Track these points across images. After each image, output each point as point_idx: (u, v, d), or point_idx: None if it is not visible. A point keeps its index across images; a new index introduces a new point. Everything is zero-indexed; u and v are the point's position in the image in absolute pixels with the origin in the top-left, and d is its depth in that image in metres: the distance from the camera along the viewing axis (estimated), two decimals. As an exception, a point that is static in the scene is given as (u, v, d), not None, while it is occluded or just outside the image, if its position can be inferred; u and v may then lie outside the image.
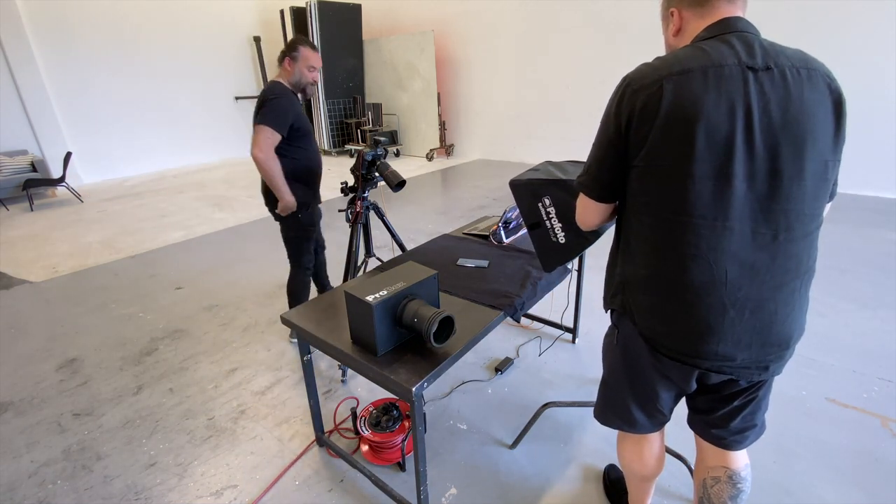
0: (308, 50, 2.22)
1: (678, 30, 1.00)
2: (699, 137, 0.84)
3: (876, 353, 2.31)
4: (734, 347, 0.93)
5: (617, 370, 1.15)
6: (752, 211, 0.87)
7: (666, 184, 0.89)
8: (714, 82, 0.84)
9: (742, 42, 0.88)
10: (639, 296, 1.00)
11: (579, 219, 1.12)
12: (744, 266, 0.89)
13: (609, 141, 0.95)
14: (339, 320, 1.53)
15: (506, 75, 7.67)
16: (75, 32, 7.22)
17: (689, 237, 0.89)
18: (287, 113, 2.19)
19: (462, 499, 1.63)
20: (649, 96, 0.86)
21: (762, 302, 0.91)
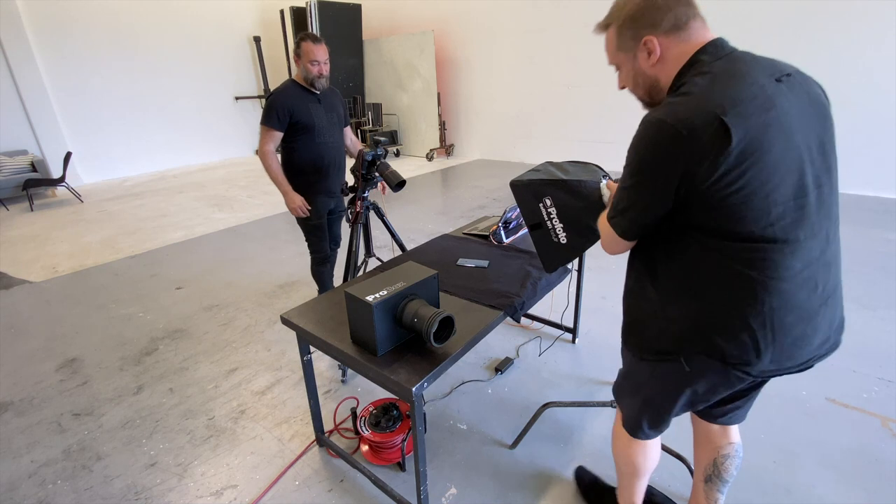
0: (309, 44, 2.26)
1: (659, 58, 0.94)
2: (777, 163, 0.82)
3: (876, 353, 2.31)
4: (819, 344, 0.96)
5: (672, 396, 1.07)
6: (820, 213, 0.89)
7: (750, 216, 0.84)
8: (768, 103, 0.82)
9: (751, 60, 0.88)
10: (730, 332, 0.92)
11: (606, 249, 1.07)
12: (823, 265, 0.91)
13: (656, 190, 0.88)
14: (339, 320, 1.53)
15: (506, 75, 7.67)
16: (75, 32, 7.23)
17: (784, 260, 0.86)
18: (276, 109, 2.31)
19: (462, 499, 1.63)
20: (712, 137, 0.80)
21: (833, 293, 0.95)
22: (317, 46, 2.27)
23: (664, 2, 0.92)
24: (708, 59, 0.89)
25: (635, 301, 1.08)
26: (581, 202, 1.26)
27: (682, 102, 0.84)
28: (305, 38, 2.28)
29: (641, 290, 1.05)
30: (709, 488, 1.32)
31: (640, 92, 1.03)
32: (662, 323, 1.00)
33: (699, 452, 1.33)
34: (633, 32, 0.96)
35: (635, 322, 1.08)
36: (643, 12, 0.93)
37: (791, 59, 0.96)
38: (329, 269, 2.67)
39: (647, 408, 1.15)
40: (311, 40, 2.28)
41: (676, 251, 0.95)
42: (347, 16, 8.23)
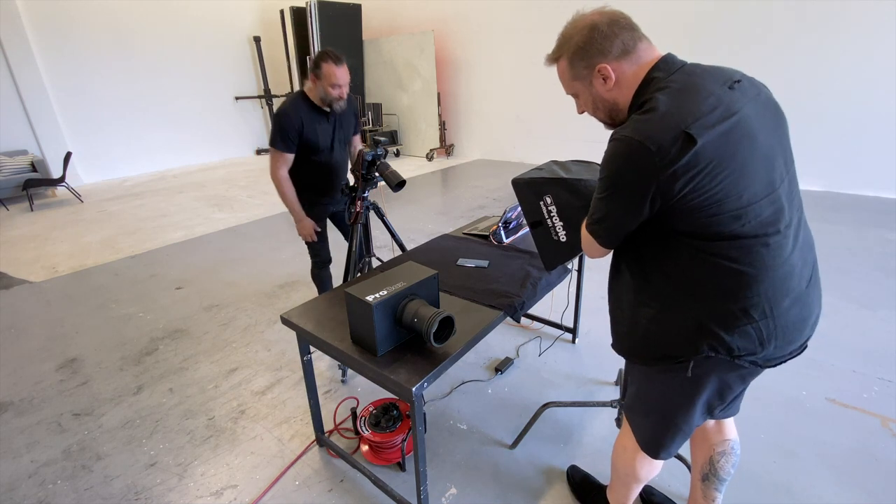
0: (331, 66, 2.09)
1: (616, 81, 0.98)
2: (746, 163, 0.86)
3: (876, 353, 2.31)
4: (811, 326, 1.01)
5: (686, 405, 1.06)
6: (788, 202, 0.93)
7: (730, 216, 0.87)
8: (724, 111, 0.85)
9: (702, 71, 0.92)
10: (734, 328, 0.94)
11: (586, 253, 1.11)
12: (802, 247, 0.97)
13: (629, 204, 0.90)
14: (339, 320, 1.53)
15: (506, 75, 7.67)
16: (75, 32, 7.23)
17: (769, 251, 0.90)
18: (287, 131, 2.17)
19: (462, 499, 1.63)
20: (680, 150, 0.82)
21: (814, 268, 1.01)
22: (339, 69, 2.11)
23: (609, 30, 0.95)
24: (662, 75, 0.93)
25: (632, 311, 1.06)
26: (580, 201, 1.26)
27: (648, 119, 0.86)
28: (327, 59, 2.09)
29: (636, 298, 1.04)
30: (706, 487, 1.33)
31: (601, 115, 1.06)
32: (665, 327, 1.00)
33: (695, 451, 1.34)
34: (585, 62, 0.99)
35: (636, 332, 1.06)
36: (590, 43, 0.97)
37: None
38: (328, 273, 2.65)
39: (667, 425, 1.12)
40: (334, 61, 2.10)
41: (667, 257, 0.97)
42: (347, 16, 8.23)
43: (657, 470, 1.26)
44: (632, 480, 1.30)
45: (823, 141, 5.10)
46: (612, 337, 1.16)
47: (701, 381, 1.02)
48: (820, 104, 5.03)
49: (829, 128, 5.01)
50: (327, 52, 2.12)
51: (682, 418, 1.09)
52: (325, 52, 2.12)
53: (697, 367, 0.99)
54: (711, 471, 1.30)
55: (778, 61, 5.16)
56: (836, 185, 5.18)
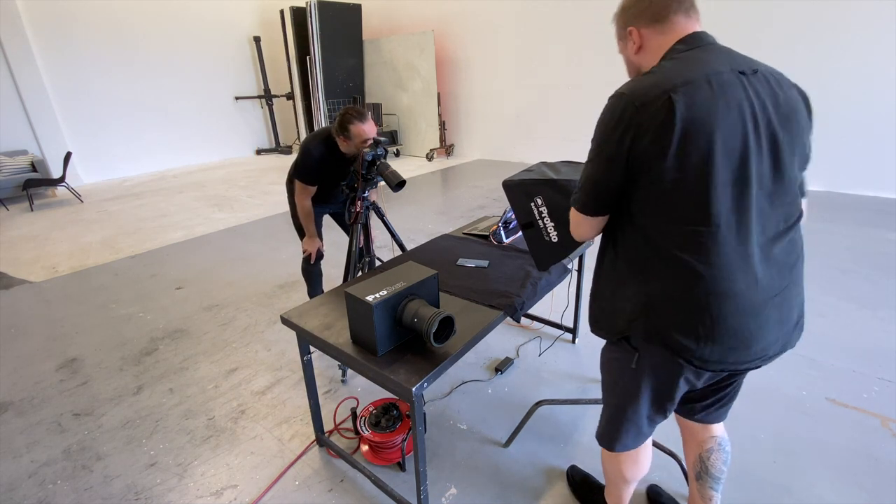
0: (359, 126, 2.13)
1: (639, 47, 1.01)
2: (717, 146, 0.84)
3: (876, 353, 2.31)
4: (768, 342, 0.95)
5: (635, 394, 1.09)
6: (762, 209, 0.90)
7: (688, 198, 0.87)
8: (719, 89, 0.85)
9: (721, 52, 0.92)
10: (671, 317, 0.95)
11: (574, 232, 1.10)
12: (765, 263, 0.92)
13: (608, 160, 0.92)
14: (339, 320, 1.53)
15: (506, 75, 7.67)
16: (75, 32, 7.23)
17: (719, 247, 0.88)
18: (314, 171, 2.33)
19: (462, 499, 1.63)
20: (657, 111, 0.84)
21: (783, 292, 0.95)
22: (367, 125, 2.14)
23: None
24: (682, 48, 0.94)
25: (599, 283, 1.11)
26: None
27: (643, 79, 0.90)
28: (353, 121, 2.12)
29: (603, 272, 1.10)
30: (701, 486, 1.33)
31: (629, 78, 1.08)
32: (619, 303, 1.04)
33: (686, 451, 1.36)
34: (623, 23, 1.04)
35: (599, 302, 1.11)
36: (630, 5, 1.02)
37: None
38: (319, 269, 2.66)
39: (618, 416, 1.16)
40: (359, 120, 2.12)
41: (627, 236, 1.00)
42: (347, 16, 8.23)
43: (642, 469, 1.26)
44: (619, 480, 1.30)
45: (824, 141, 5.09)
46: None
47: (644, 372, 1.05)
48: (820, 104, 4.98)
49: (830, 128, 5.01)
50: (351, 114, 2.14)
51: (631, 410, 1.12)
52: (349, 114, 2.14)
53: (641, 359, 1.04)
54: (703, 469, 1.31)
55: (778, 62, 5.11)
56: (836, 185, 5.18)
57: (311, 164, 2.30)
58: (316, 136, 2.31)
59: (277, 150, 10.03)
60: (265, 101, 9.84)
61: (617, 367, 1.12)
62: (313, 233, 2.52)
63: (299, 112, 9.11)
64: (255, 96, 9.81)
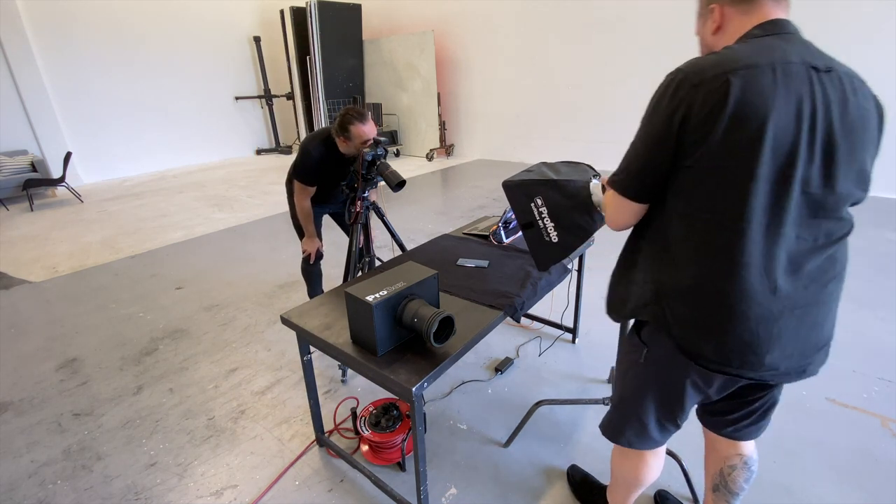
0: (359, 127, 2.13)
1: (718, 27, 0.95)
2: (767, 138, 0.79)
3: (876, 353, 2.31)
4: (780, 356, 0.90)
5: (641, 389, 1.08)
6: (801, 216, 0.85)
7: (724, 187, 0.83)
8: (783, 79, 0.80)
9: (800, 43, 0.85)
10: (680, 307, 0.93)
11: (610, 219, 1.04)
12: (791, 273, 0.87)
13: (656, 139, 0.88)
14: (339, 320, 1.53)
15: (506, 75, 7.67)
16: (76, 32, 7.23)
17: (745, 244, 0.84)
18: (310, 170, 2.33)
19: (462, 499, 1.63)
20: (712, 92, 0.80)
21: (808, 308, 0.89)
22: (366, 125, 2.14)
23: None
24: (758, 32, 0.88)
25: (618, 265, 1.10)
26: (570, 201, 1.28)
27: (705, 58, 0.85)
28: (353, 121, 2.12)
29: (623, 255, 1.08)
30: (717, 498, 1.30)
31: None
32: (633, 286, 1.03)
33: (707, 460, 1.31)
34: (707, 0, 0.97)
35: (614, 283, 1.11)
36: None
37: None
38: (319, 269, 2.66)
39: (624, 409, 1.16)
40: (360, 120, 2.12)
41: (652, 219, 0.97)
42: (347, 16, 8.23)
43: (650, 474, 1.24)
44: (625, 481, 1.28)
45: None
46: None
47: (651, 368, 1.04)
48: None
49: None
50: (351, 114, 2.14)
51: (636, 404, 1.11)
52: (349, 114, 2.14)
53: (649, 353, 1.03)
54: (722, 483, 1.26)
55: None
56: (836, 185, 5.18)
57: (310, 165, 2.30)
58: (315, 136, 2.31)
59: (277, 150, 10.03)
60: (265, 101, 9.84)
61: (627, 360, 1.12)
62: (313, 233, 2.52)
63: (299, 112, 9.11)
64: (255, 96, 9.81)
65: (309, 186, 2.37)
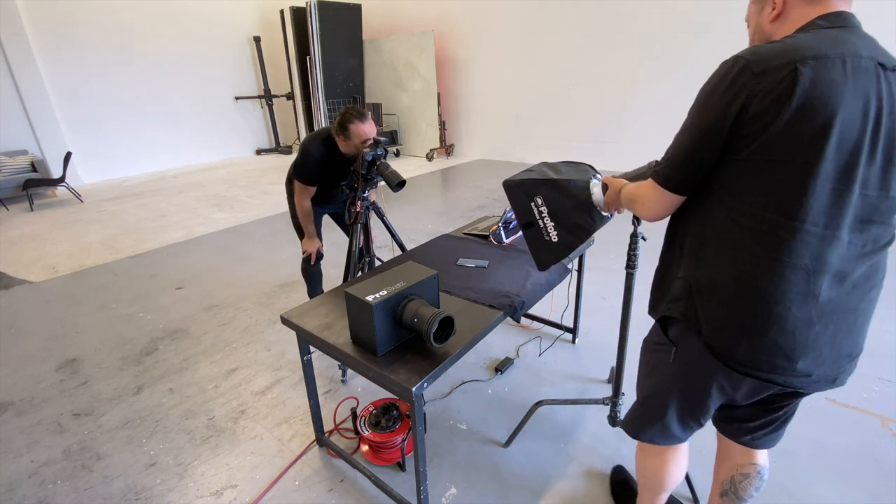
0: (358, 126, 2.13)
1: (778, 15, 0.89)
2: (834, 133, 0.75)
3: (876, 353, 2.31)
4: (812, 363, 0.87)
5: (667, 387, 1.06)
6: (857, 218, 0.82)
7: (782, 183, 0.79)
8: (853, 74, 0.76)
9: (866, 38, 0.82)
10: (713, 304, 0.90)
11: (644, 209, 1.00)
12: (836, 278, 0.84)
13: (710, 129, 0.83)
14: (339, 320, 1.53)
15: (506, 75, 7.67)
16: (75, 32, 7.23)
17: (794, 245, 0.80)
18: (311, 170, 2.33)
19: (462, 499, 1.63)
20: (778, 80, 0.75)
21: (845, 314, 0.87)
22: (366, 125, 2.14)
23: None
24: (824, 23, 0.83)
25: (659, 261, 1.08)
26: (571, 201, 1.29)
27: (769, 46, 0.80)
28: (352, 120, 2.12)
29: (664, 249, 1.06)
30: (724, 503, 1.28)
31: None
32: (668, 282, 1.01)
33: (718, 464, 1.29)
34: None
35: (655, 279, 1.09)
36: None
37: None
38: (319, 269, 2.66)
39: (646, 406, 1.15)
40: (360, 120, 2.12)
41: (695, 213, 0.94)
42: (347, 16, 8.23)
43: (672, 475, 1.23)
44: (650, 483, 1.27)
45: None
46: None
47: (679, 369, 1.02)
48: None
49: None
50: (351, 114, 2.14)
51: (660, 403, 1.10)
52: (349, 114, 2.14)
53: (678, 353, 1.01)
54: (731, 489, 1.24)
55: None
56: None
57: (310, 165, 2.30)
58: (316, 136, 2.31)
59: (277, 150, 10.03)
60: (265, 101, 9.84)
61: (655, 357, 1.09)
62: (313, 233, 2.52)
63: (299, 112, 9.11)
64: (255, 96, 9.81)
65: (309, 186, 2.37)
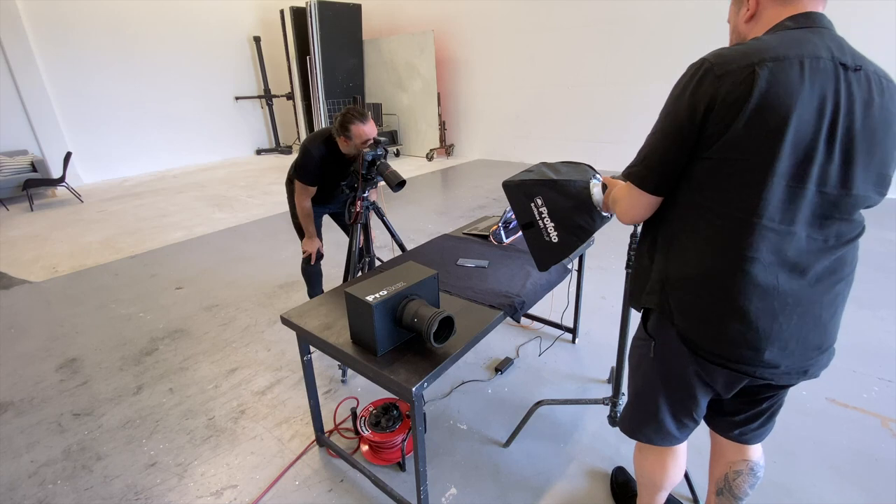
0: (359, 126, 2.13)
1: (752, 15, 0.92)
2: (789, 132, 0.78)
3: (876, 353, 2.31)
4: (779, 354, 0.90)
5: (651, 380, 1.09)
6: (812, 216, 0.85)
7: (740, 180, 0.83)
8: (810, 74, 0.78)
9: (832, 39, 0.84)
10: (683, 296, 0.94)
11: (623, 213, 1.03)
12: (796, 271, 0.87)
13: (678, 129, 0.87)
14: (339, 320, 1.53)
15: (506, 75, 7.67)
16: (75, 32, 7.22)
17: (753, 239, 0.84)
18: (311, 170, 2.33)
19: (462, 499, 1.63)
20: (737, 83, 0.79)
21: (810, 307, 0.89)
22: (367, 125, 2.14)
23: None
24: (791, 24, 0.86)
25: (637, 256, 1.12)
26: (571, 201, 1.29)
27: (733, 49, 0.84)
28: (353, 120, 2.12)
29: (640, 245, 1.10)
30: (721, 502, 1.29)
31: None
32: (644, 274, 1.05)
33: (712, 464, 1.30)
34: None
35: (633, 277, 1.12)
36: None
37: None
38: (319, 269, 2.67)
39: (638, 405, 1.17)
40: (360, 120, 2.12)
41: (665, 210, 0.98)
42: (347, 16, 8.23)
43: (669, 474, 1.23)
44: (647, 483, 1.28)
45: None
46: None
47: (659, 361, 1.05)
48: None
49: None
50: (351, 114, 2.14)
51: (648, 398, 1.12)
52: (350, 114, 2.14)
53: (656, 346, 1.04)
54: (726, 487, 1.25)
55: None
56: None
57: (311, 165, 2.30)
58: (316, 136, 2.31)
59: (277, 150, 10.03)
60: (265, 101, 9.84)
61: (638, 353, 1.13)
62: (313, 233, 2.52)
63: (299, 112, 9.11)
64: (255, 96, 9.81)
65: (310, 186, 2.37)
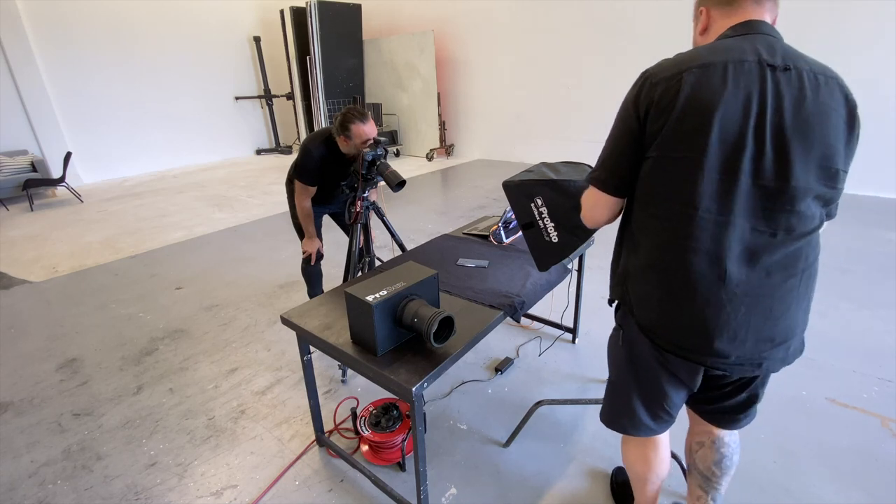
0: (359, 126, 2.13)
1: (704, 28, 1.01)
2: (714, 129, 0.84)
3: (876, 353, 2.31)
4: (729, 344, 0.94)
5: (622, 370, 1.14)
6: (754, 208, 0.88)
7: (676, 175, 0.90)
8: (733, 76, 0.85)
9: (764, 42, 0.89)
10: (638, 286, 1.02)
11: (587, 216, 1.09)
12: (742, 263, 0.90)
13: (627, 133, 0.94)
14: (339, 320, 1.53)
15: (506, 75, 7.67)
16: (75, 32, 7.22)
17: (693, 230, 0.90)
18: (311, 170, 2.33)
19: (462, 499, 1.63)
20: (667, 88, 0.87)
21: (759, 298, 0.92)
22: (367, 125, 2.13)
23: None
24: (729, 33, 0.93)
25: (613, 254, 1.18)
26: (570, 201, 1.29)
27: (671, 59, 0.92)
28: (354, 120, 2.12)
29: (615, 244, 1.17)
30: (690, 481, 1.32)
31: None
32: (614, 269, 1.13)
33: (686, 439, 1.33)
34: (698, 2, 1.04)
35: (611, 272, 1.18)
36: None
37: None
38: (319, 269, 2.66)
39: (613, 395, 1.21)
40: (360, 120, 2.12)
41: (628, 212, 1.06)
42: (347, 16, 8.22)
43: (652, 468, 1.24)
44: (634, 476, 1.30)
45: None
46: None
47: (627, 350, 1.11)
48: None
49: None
50: (352, 114, 2.14)
51: (621, 387, 1.16)
52: (350, 114, 2.14)
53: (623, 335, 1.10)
54: (692, 464, 1.29)
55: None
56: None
57: (311, 165, 2.30)
58: (316, 136, 2.31)
59: (277, 150, 10.03)
60: (265, 101, 9.84)
61: (611, 343, 1.20)
62: (313, 233, 2.52)
63: (299, 112, 9.11)
64: (255, 96, 9.81)
65: (310, 186, 2.37)
